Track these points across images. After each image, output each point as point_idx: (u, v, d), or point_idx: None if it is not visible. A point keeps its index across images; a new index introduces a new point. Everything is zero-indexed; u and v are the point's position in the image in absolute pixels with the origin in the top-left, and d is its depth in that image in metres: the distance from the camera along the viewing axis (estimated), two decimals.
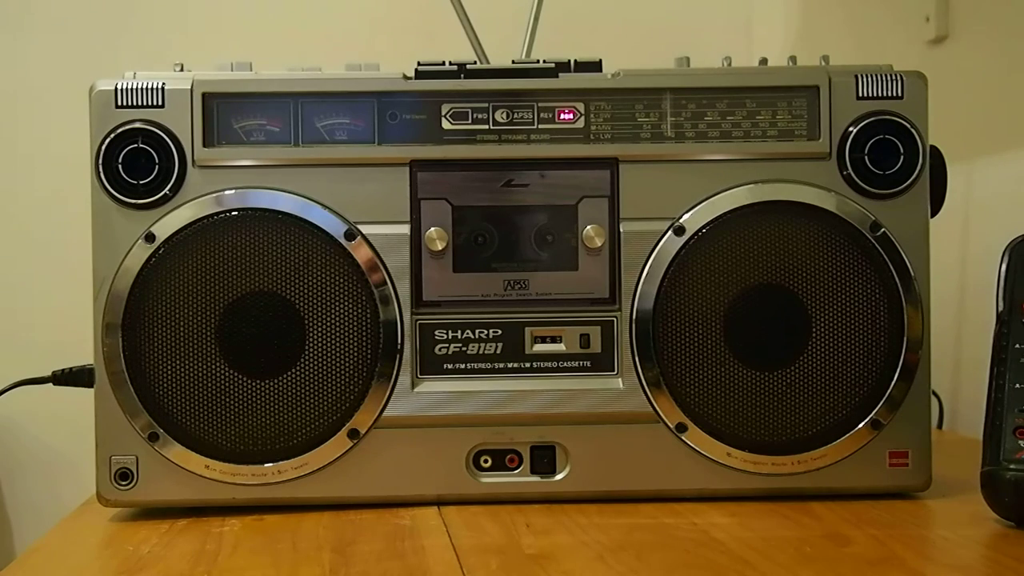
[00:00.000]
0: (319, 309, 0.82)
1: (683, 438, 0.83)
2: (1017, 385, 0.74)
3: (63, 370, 0.89)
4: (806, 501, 0.82)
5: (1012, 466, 0.72)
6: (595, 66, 0.84)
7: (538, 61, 0.84)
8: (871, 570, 0.66)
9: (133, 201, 0.81)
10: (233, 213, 0.82)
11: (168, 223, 0.81)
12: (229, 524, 0.79)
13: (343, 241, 0.82)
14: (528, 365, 0.84)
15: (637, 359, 0.83)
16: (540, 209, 0.84)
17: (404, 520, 0.79)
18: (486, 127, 0.83)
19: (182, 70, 0.83)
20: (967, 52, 1.17)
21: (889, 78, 0.83)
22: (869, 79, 0.83)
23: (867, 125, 0.83)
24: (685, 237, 0.82)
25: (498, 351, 0.84)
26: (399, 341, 0.82)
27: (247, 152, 0.82)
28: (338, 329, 0.82)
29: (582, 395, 0.83)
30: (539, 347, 0.84)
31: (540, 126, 0.83)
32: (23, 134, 1.53)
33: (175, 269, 0.81)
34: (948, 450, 0.98)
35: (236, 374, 0.81)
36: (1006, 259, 0.77)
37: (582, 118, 0.83)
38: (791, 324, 0.83)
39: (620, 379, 0.83)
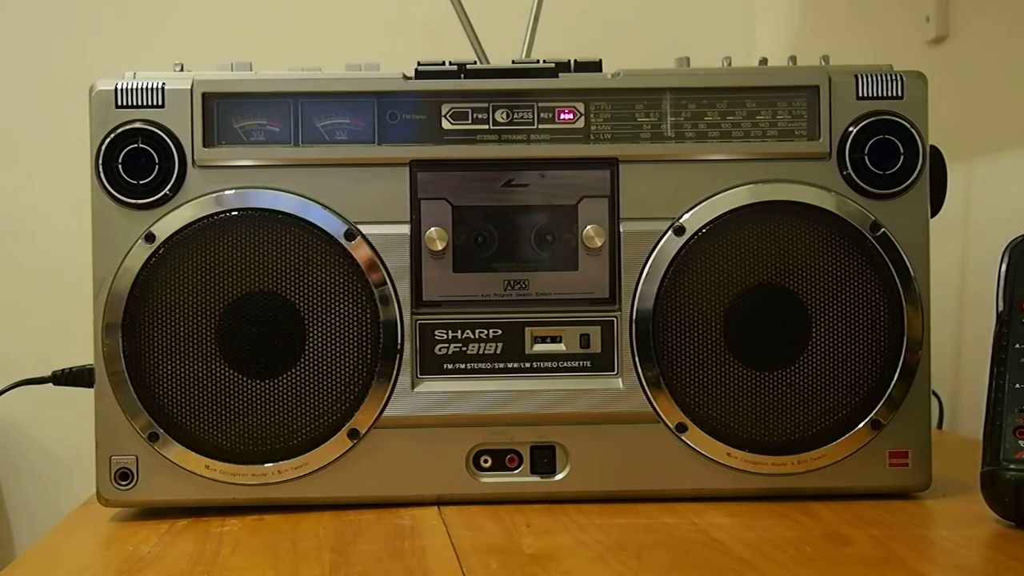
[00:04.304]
0: (319, 309, 0.82)
1: (683, 438, 0.83)
2: (1017, 385, 0.74)
3: (63, 370, 0.89)
4: (806, 501, 0.82)
5: (1012, 466, 0.72)
6: (595, 66, 0.84)
7: (538, 61, 0.84)
8: (871, 570, 0.66)
9: (133, 201, 0.81)
10: (233, 213, 0.82)
11: (168, 223, 0.81)
12: (229, 524, 0.79)
13: (343, 241, 0.82)
14: (528, 365, 0.84)
15: (637, 359, 0.83)
16: (540, 209, 0.84)
17: (404, 520, 0.79)
18: (486, 127, 0.83)
19: (182, 70, 0.83)
20: (967, 52, 1.17)
21: (889, 78, 0.83)
22: (869, 79, 0.83)
23: (867, 125, 0.83)
24: (685, 237, 0.82)
25: (498, 351, 0.84)
26: (399, 341, 0.82)
27: (247, 152, 0.82)
28: (338, 329, 0.82)
29: (582, 395, 0.83)
30: (539, 347, 0.84)
31: (540, 126, 0.83)
32: (23, 134, 1.53)
33: (175, 269, 0.81)
34: (948, 450, 0.98)
35: (236, 374, 0.81)
36: (1006, 259, 0.77)
37: (582, 118, 0.83)
38: (791, 324, 0.82)
39: (620, 379, 0.83)
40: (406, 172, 0.83)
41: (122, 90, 0.81)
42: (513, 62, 0.85)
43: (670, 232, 0.83)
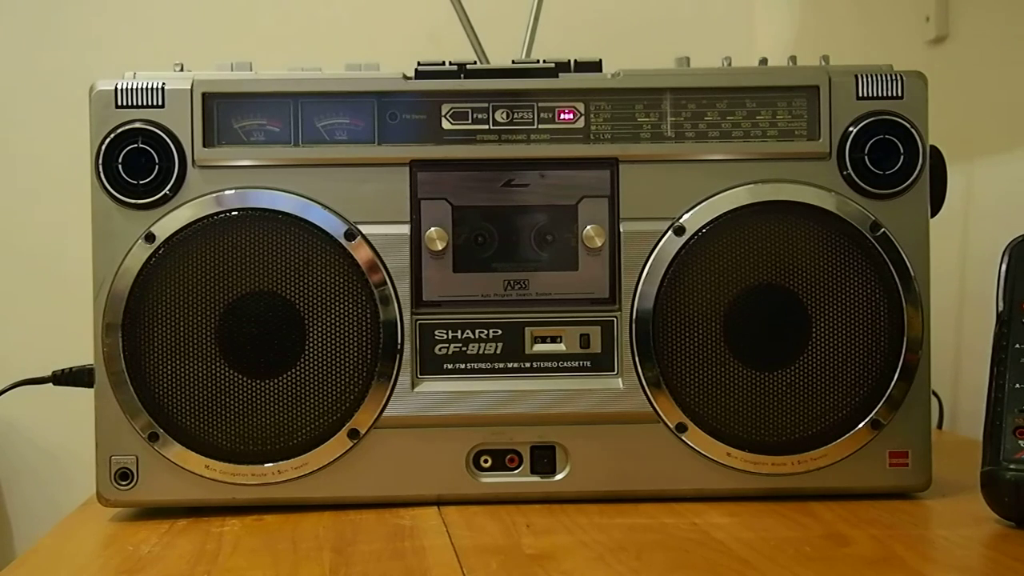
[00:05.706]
0: (319, 309, 0.82)
1: (683, 438, 0.83)
2: (1017, 385, 0.74)
3: (63, 370, 0.89)
4: (806, 501, 0.82)
5: (1012, 466, 0.72)
6: (595, 66, 0.84)
7: (538, 61, 0.84)
8: (871, 570, 0.66)
9: (133, 201, 0.81)
10: (233, 213, 0.82)
11: (168, 223, 0.81)
12: (229, 524, 0.79)
13: (343, 241, 0.82)
14: (528, 365, 0.84)
15: (637, 359, 0.83)
16: (540, 209, 0.84)
17: (404, 520, 0.79)
18: (486, 127, 0.83)
19: (182, 70, 0.83)
20: (967, 52, 1.17)
21: (889, 78, 0.83)
22: (869, 79, 0.83)
23: (867, 125, 0.83)
24: (685, 237, 0.82)
25: (498, 351, 0.84)
26: (399, 341, 0.82)
27: (247, 152, 0.82)
28: (338, 329, 0.82)
29: (582, 395, 0.83)
30: (539, 347, 0.84)
31: (540, 126, 0.83)
32: (23, 134, 1.53)
33: (175, 269, 0.81)
34: (948, 450, 0.98)
35: (236, 374, 0.81)
36: (1006, 259, 0.77)
37: (582, 118, 0.83)
38: (791, 324, 0.82)
39: (620, 379, 0.83)
40: (406, 172, 0.83)
41: (122, 90, 0.81)
42: (513, 62, 0.85)
43: (670, 232, 0.83)
